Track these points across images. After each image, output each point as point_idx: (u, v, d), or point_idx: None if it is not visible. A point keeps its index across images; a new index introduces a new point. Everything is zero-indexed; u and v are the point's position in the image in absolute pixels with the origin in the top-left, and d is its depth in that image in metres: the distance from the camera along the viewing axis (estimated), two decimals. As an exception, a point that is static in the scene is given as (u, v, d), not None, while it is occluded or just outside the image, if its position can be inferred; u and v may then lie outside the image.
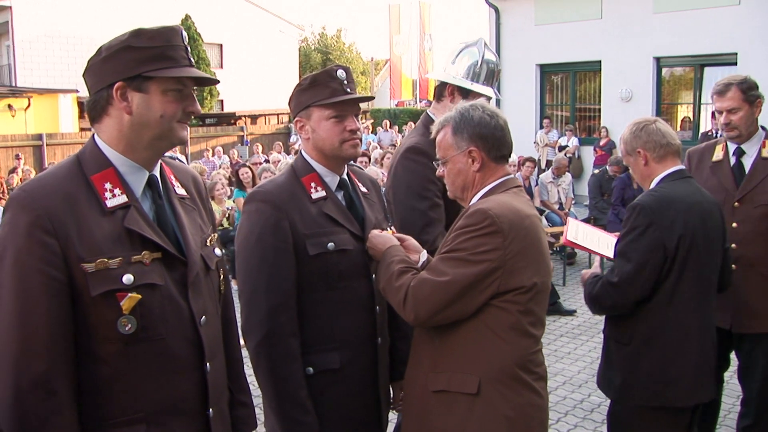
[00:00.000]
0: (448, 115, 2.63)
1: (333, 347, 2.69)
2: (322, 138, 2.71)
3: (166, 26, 2.04)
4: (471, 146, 2.55)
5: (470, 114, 2.56)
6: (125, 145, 2.00)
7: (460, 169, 2.60)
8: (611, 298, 3.11)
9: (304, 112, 2.72)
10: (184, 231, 2.10)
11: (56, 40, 28.81)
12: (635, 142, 3.28)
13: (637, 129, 3.29)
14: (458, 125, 2.58)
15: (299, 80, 2.78)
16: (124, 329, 1.89)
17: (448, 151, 2.61)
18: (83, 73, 2.07)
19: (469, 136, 2.55)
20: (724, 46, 14.91)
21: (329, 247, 2.65)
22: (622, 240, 3.13)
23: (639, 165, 3.30)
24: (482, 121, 2.54)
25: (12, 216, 1.86)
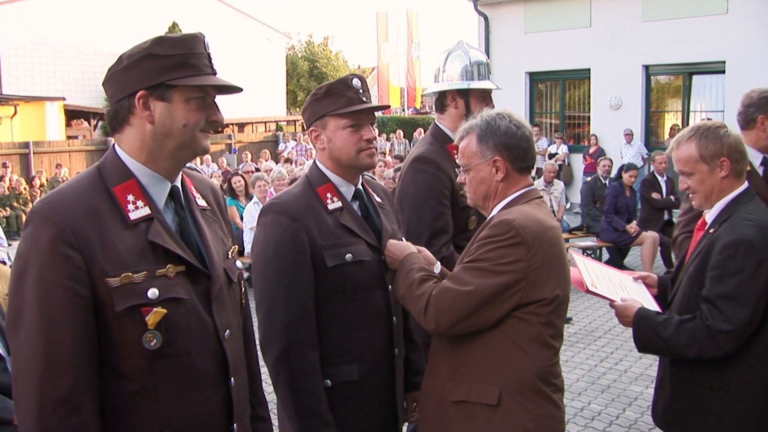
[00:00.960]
0: (474, 122, 2.60)
1: (351, 359, 2.67)
2: (338, 147, 2.69)
3: (188, 34, 2.00)
4: (496, 156, 2.53)
5: (497, 123, 2.54)
6: (147, 155, 1.96)
7: (483, 177, 2.57)
8: (721, 347, 2.69)
9: (320, 121, 2.69)
10: (206, 243, 2.06)
11: (43, 48, 28.59)
12: (721, 148, 2.85)
13: (722, 132, 2.88)
14: (484, 133, 2.55)
15: (313, 92, 2.74)
16: (149, 345, 1.85)
17: (472, 159, 2.58)
18: (103, 82, 2.03)
19: (494, 145, 2.53)
20: (713, 55, 15.04)
21: (347, 258, 2.63)
22: (722, 281, 2.71)
23: (714, 176, 2.88)
24: (509, 131, 2.52)
25: (34, 229, 1.82)
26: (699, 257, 2.87)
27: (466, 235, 3.51)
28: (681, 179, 3.00)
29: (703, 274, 2.81)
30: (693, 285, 2.86)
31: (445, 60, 3.74)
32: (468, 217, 3.53)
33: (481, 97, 3.62)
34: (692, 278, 2.87)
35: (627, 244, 10.30)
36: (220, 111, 2.05)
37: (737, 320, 2.67)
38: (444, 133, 3.63)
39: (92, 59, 30.09)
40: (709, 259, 2.80)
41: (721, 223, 2.85)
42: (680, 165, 2.95)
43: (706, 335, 2.69)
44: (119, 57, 1.97)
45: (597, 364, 6.80)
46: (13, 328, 1.83)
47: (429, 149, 3.54)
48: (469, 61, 3.66)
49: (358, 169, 2.76)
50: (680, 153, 2.93)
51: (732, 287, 2.69)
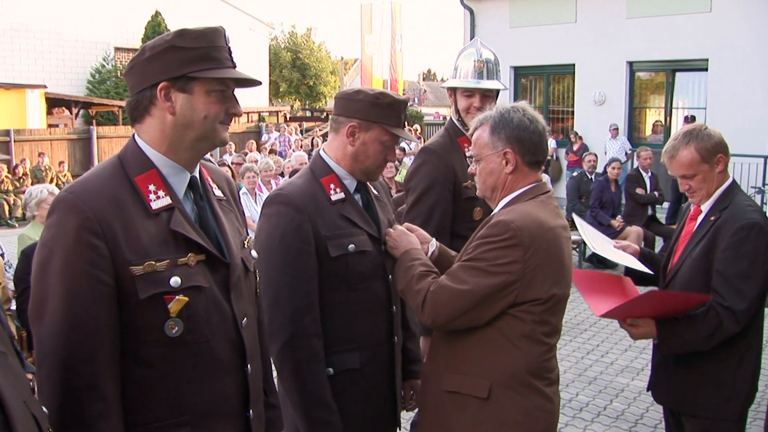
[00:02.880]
0: (488, 113, 2.62)
1: (352, 348, 2.72)
2: (368, 155, 2.75)
3: (209, 27, 2.02)
4: (507, 148, 2.55)
5: (510, 115, 2.56)
6: (168, 145, 1.99)
7: (492, 169, 2.59)
8: (740, 322, 2.92)
9: (366, 123, 2.72)
10: (224, 233, 2.10)
11: (23, 35, 28.19)
12: (716, 146, 3.08)
13: (716, 134, 3.09)
14: (497, 125, 2.56)
15: (374, 93, 2.73)
16: (171, 332, 1.89)
17: (483, 150, 2.60)
18: (124, 73, 2.06)
19: (506, 137, 2.55)
20: (696, 52, 15.23)
21: (350, 249, 2.68)
22: (737, 261, 2.92)
23: (713, 172, 3.09)
24: (521, 124, 2.54)
25: (59, 218, 1.84)
26: (704, 242, 3.06)
27: (471, 225, 3.59)
28: (682, 182, 3.18)
29: (709, 257, 3.01)
30: (697, 268, 3.06)
31: (457, 58, 3.86)
32: (473, 208, 3.65)
33: (465, 94, 3.72)
34: (697, 261, 3.06)
35: (611, 238, 10.39)
36: (239, 104, 2.08)
37: (751, 296, 2.92)
38: (456, 127, 3.79)
39: (73, 47, 29.78)
40: (715, 244, 3.00)
41: (721, 210, 3.06)
42: (683, 169, 3.11)
43: (727, 316, 2.90)
44: (141, 48, 1.99)
45: (583, 356, 6.89)
46: (37, 316, 1.85)
47: (438, 141, 3.78)
48: (476, 61, 3.75)
49: (366, 179, 2.84)
50: (682, 158, 3.10)
51: (746, 266, 2.92)
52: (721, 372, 3.05)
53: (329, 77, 47.36)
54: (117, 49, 31.44)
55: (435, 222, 3.54)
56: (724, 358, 3.03)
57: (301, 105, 47.46)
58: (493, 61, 3.79)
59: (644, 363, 6.68)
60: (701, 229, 3.12)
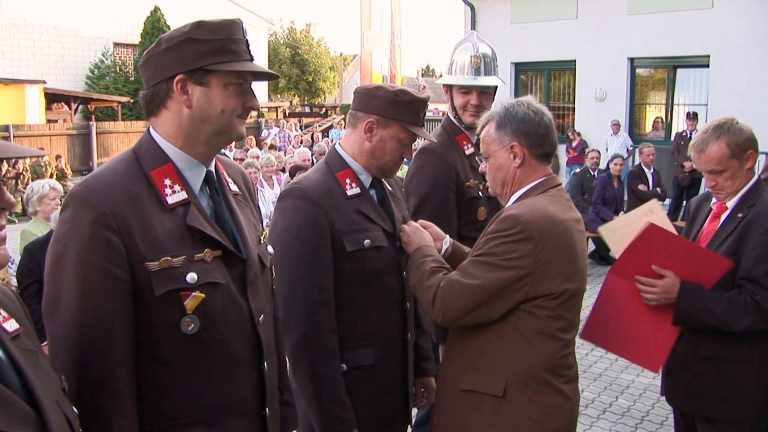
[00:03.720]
0: (494, 110, 2.62)
1: (366, 344, 2.69)
2: (384, 152, 2.73)
3: (227, 19, 1.98)
4: (513, 141, 2.53)
5: (515, 109, 2.55)
6: (183, 139, 1.96)
7: (501, 164, 2.57)
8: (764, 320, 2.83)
9: (384, 120, 2.69)
10: (241, 229, 2.06)
11: (22, 30, 28.13)
12: (747, 141, 2.98)
13: (747, 129, 3.00)
14: (502, 120, 2.56)
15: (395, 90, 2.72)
16: (187, 329, 1.85)
17: (491, 146, 2.59)
18: (139, 65, 2.02)
19: (512, 131, 2.53)
20: (697, 49, 15.19)
21: (365, 244, 2.65)
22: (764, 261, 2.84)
23: (742, 169, 2.99)
24: (526, 116, 2.53)
25: (74, 213, 1.81)
26: (731, 240, 2.95)
27: (476, 226, 3.56)
28: (708, 177, 3.06)
29: (737, 255, 2.90)
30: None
31: (453, 52, 3.79)
32: (477, 208, 3.58)
33: (462, 92, 3.64)
34: None
35: (614, 235, 10.39)
36: (256, 98, 2.05)
37: None
38: (454, 124, 3.69)
39: (72, 42, 29.72)
40: (743, 241, 2.90)
41: (749, 207, 2.96)
42: (712, 164, 3.00)
43: (754, 310, 2.82)
44: (157, 40, 1.95)
45: (588, 352, 6.87)
46: (50, 312, 1.82)
47: (437, 141, 3.60)
48: (472, 56, 3.67)
49: (382, 175, 2.82)
50: (711, 153, 2.99)
51: None
52: (743, 373, 2.96)
53: (328, 73, 47.31)
54: (116, 44, 31.39)
55: (441, 225, 3.45)
56: (748, 360, 2.95)
57: (300, 101, 47.39)
58: (491, 55, 3.70)
59: (648, 360, 6.64)
60: (727, 226, 3.02)
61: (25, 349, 1.43)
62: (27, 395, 1.36)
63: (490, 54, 3.70)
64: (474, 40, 3.76)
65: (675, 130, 15.50)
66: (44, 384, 1.41)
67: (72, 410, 1.49)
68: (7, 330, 1.41)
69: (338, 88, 45.96)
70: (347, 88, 42.87)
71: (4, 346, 1.37)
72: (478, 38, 3.78)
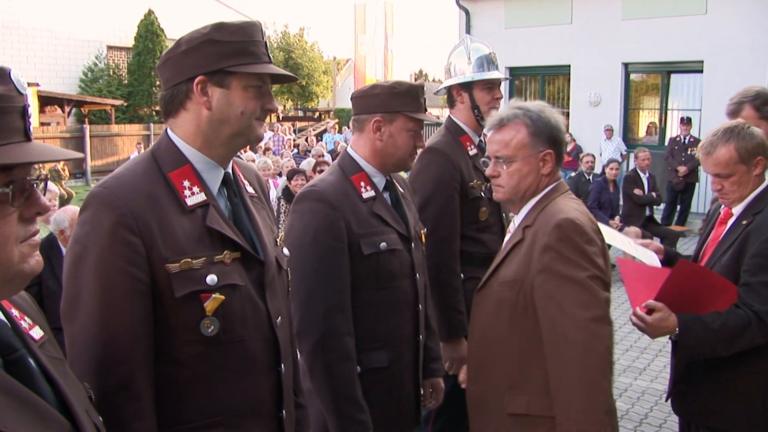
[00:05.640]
0: (517, 111, 2.50)
1: (380, 346, 2.71)
2: (397, 146, 2.75)
3: (247, 21, 1.99)
4: (549, 149, 2.48)
5: (545, 116, 2.50)
6: (202, 141, 1.96)
7: (529, 170, 2.48)
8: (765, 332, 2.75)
9: (389, 115, 2.72)
10: (258, 230, 2.07)
11: (15, 32, 28.03)
12: (757, 147, 2.91)
13: (758, 134, 2.93)
14: (537, 127, 2.47)
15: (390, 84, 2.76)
16: (207, 331, 1.85)
17: (520, 151, 2.47)
18: (158, 66, 2.02)
19: (547, 139, 2.48)
20: (691, 54, 15.23)
21: (381, 247, 2.68)
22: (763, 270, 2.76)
23: (750, 174, 2.93)
24: (556, 124, 2.51)
25: (94, 214, 1.81)
26: (734, 247, 2.89)
27: (478, 226, 3.60)
28: (714, 180, 3.01)
29: (738, 264, 2.84)
30: (727, 273, 2.86)
31: (450, 56, 3.81)
32: (479, 208, 3.60)
33: (486, 88, 3.66)
34: (726, 268, 2.88)
35: (610, 239, 10.43)
36: (275, 100, 2.06)
37: None
38: (457, 125, 3.71)
39: (66, 45, 29.62)
40: (745, 250, 2.84)
41: (754, 215, 2.89)
42: (719, 168, 2.95)
43: (756, 321, 2.72)
44: (177, 41, 1.96)
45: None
46: (69, 314, 1.81)
47: (441, 141, 3.66)
48: (469, 55, 3.71)
49: (400, 170, 2.84)
50: (719, 156, 2.93)
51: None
52: (749, 385, 2.88)
53: (322, 77, 47.27)
54: (109, 47, 31.31)
55: (445, 226, 3.48)
56: (755, 371, 2.87)
57: (294, 105, 47.35)
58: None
59: (645, 363, 6.70)
60: (732, 234, 2.96)
61: (52, 357, 1.40)
62: (59, 405, 1.33)
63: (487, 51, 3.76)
64: (468, 42, 3.79)
65: (669, 135, 15.56)
66: (74, 394, 1.39)
67: (99, 419, 1.49)
68: (35, 338, 1.39)
69: (332, 92, 45.94)
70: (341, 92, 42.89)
71: (34, 355, 1.35)
72: (471, 40, 3.82)
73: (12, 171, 1.21)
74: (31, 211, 1.26)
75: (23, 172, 1.24)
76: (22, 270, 1.25)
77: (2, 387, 1.20)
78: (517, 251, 2.44)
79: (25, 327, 1.38)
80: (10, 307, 1.38)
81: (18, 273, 1.25)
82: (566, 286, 2.24)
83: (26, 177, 1.25)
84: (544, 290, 2.29)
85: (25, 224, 1.26)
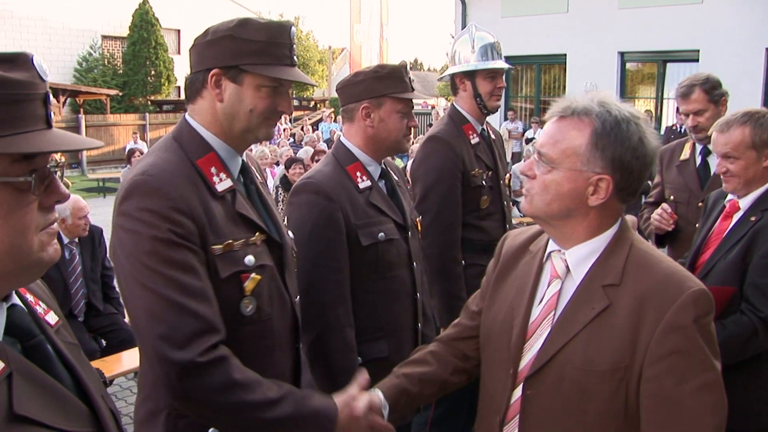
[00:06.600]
0: (589, 105, 1.78)
1: (380, 336, 2.73)
2: (389, 129, 2.74)
3: (275, 21, 2.04)
4: (606, 174, 1.77)
5: (628, 128, 1.77)
6: (219, 130, 2.01)
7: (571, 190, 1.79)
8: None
9: (376, 100, 2.72)
10: (273, 215, 2.14)
11: (9, 22, 27.86)
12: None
13: None
14: (605, 135, 1.76)
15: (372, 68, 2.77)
16: (246, 310, 1.93)
17: (568, 160, 1.78)
18: (189, 49, 2.07)
19: (611, 157, 1.78)
20: (687, 43, 15.28)
21: (379, 237, 2.68)
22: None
23: (759, 164, 2.82)
24: (639, 146, 1.80)
25: (142, 201, 1.82)
26: (741, 244, 2.79)
27: (479, 214, 3.62)
28: (721, 162, 2.90)
29: (746, 261, 2.75)
30: (733, 272, 2.78)
31: (454, 44, 3.83)
32: (480, 197, 3.63)
33: (489, 77, 3.68)
34: (733, 265, 2.79)
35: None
36: (291, 102, 2.10)
37: None
38: (460, 113, 3.73)
39: (60, 35, 29.48)
40: (753, 247, 2.75)
41: (763, 211, 2.81)
42: (728, 147, 2.85)
43: (762, 327, 2.64)
44: (206, 30, 2.01)
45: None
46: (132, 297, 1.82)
47: (443, 129, 3.68)
48: (473, 44, 3.73)
49: (396, 152, 2.85)
50: (731, 136, 2.84)
51: None
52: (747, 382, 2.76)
53: (317, 66, 47.20)
54: (104, 37, 31.17)
55: (448, 213, 3.51)
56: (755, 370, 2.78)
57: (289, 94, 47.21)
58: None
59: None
60: (739, 229, 2.85)
61: (68, 342, 1.40)
62: (77, 390, 1.33)
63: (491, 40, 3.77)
64: (473, 31, 3.81)
65: (665, 124, 15.61)
66: (90, 379, 1.38)
67: (114, 405, 1.48)
68: (50, 323, 1.38)
69: (327, 81, 45.85)
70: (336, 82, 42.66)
71: (51, 340, 1.34)
72: (477, 28, 3.84)
73: (34, 159, 1.20)
74: (51, 200, 1.26)
75: (44, 160, 1.23)
76: (41, 258, 1.24)
77: (23, 372, 1.20)
78: (604, 323, 1.74)
79: (41, 312, 1.38)
80: (25, 292, 1.38)
81: (37, 261, 1.24)
82: (689, 386, 1.66)
83: (47, 165, 1.24)
84: (659, 386, 1.67)
85: (44, 213, 1.25)
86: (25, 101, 1.20)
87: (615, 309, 1.72)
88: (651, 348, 1.66)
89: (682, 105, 3.82)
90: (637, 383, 1.68)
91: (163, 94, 30.70)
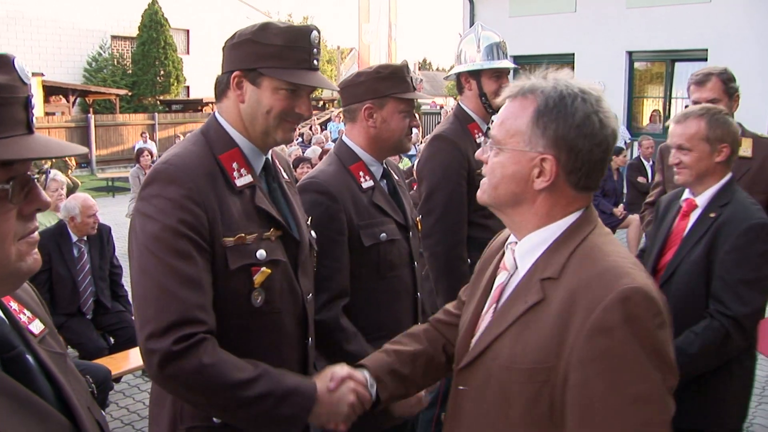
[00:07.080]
0: (534, 83, 1.68)
1: (383, 335, 2.70)
2: (391, 129, 2.76)
3: (297, 26, 2.09)
4: (548, 153, 1.64)
5: (574, 103, 1.64)
6: (243, 128, 2.09)
7: (514, 173, 1.68)
8: (747, 331, 2.70)
9: (378, 100, 2.74)
10: (294, 213, 2.20)
11: (20, 22, 28.09)
12: (726, 134, 2.86)
13: (732, 124, 2.88)
14: (546, 111, 1.62)
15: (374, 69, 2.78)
16: (256, 302, 1.99)
17: (511, 139, 1.67)
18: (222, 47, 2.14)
19: (554, 136, 1.65)
20: (695, 42, 15.25)
21: (381, 238, 2.71)
22: (744, 264, 2.69)
23: (711, 158, 2.86)
24: (587, 123, 1.66)
25: (160, 188, 1.91)
26: (704, 241, 2.81)
27: (484, 213, 3.61)
28: (674, 153, 2.94)
29: (709, 259, 2.77)
30: (698, 271, 2.80)
31: (460, 43, 3.84)
32: None
33: (494, 77, 3.69)
34: (697, 264, 2.81)
35: (614, 226, 10.46)
36: (310, 104, 2.14)
37: (755, 303, 2.70)
38: (466, 113, 3.75)
39: (70, 35, 29.66)
40: (716, 244, 2.77)
41: (721, 207, 2.84)
42: (682, 139, 2.90)
43: (733, 327, 2.67)
44: (234, 33, 2.09)
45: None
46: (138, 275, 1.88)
47: (449, 128, 3.69)
48: (478, 43, 3.73)
49: (399, 152, 2.87)
50: (686, 128, 2.89)
51: (753, 271, 2.69)
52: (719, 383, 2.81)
53: (326, 66, 47.26)
54: (114, 37, 31.35)
55: (453, 212, 3.52)
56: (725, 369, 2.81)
57: (297, 94, 47.28)
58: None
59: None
60: (699, 227, 2.87)
61: (52, 352, 1.36)
62: (59, 403, 1.28)
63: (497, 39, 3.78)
64: (479, 30, 3.82)
65: (673, 124, 15.59)
66: (75, 390, 1.34)
67: (102, 416, 1.43)
68: (34, 332, 1.34)
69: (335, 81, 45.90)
70: (345, 81, 42.77)
71: (33, 351, 1.29)
72: (483, 28, 3.85)
73: (13, 166, 1.16)
74: (31, 208, 1.21)
75: (24, 166, 1.18)
76: (19, 268, 1.20)
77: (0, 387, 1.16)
78: (535, 318, 1.59)
79: (24, 321, 1.34)
80: (9, 300, 1.34)
81: (14, 271, 1.20)
82: (618, 398, 1.45)
83: (27, 172, 1.19)
84: (585, 394, 1.48)
85: (24, 221, 1.20)
86: (4, 105, 1.15)
87: (548, 304, 1.57)
88: (575, 350, 1.48)
89: (695, 93, 3.73)
90: (563, 389, 1.50)
91: (172, 94, 30.82)
